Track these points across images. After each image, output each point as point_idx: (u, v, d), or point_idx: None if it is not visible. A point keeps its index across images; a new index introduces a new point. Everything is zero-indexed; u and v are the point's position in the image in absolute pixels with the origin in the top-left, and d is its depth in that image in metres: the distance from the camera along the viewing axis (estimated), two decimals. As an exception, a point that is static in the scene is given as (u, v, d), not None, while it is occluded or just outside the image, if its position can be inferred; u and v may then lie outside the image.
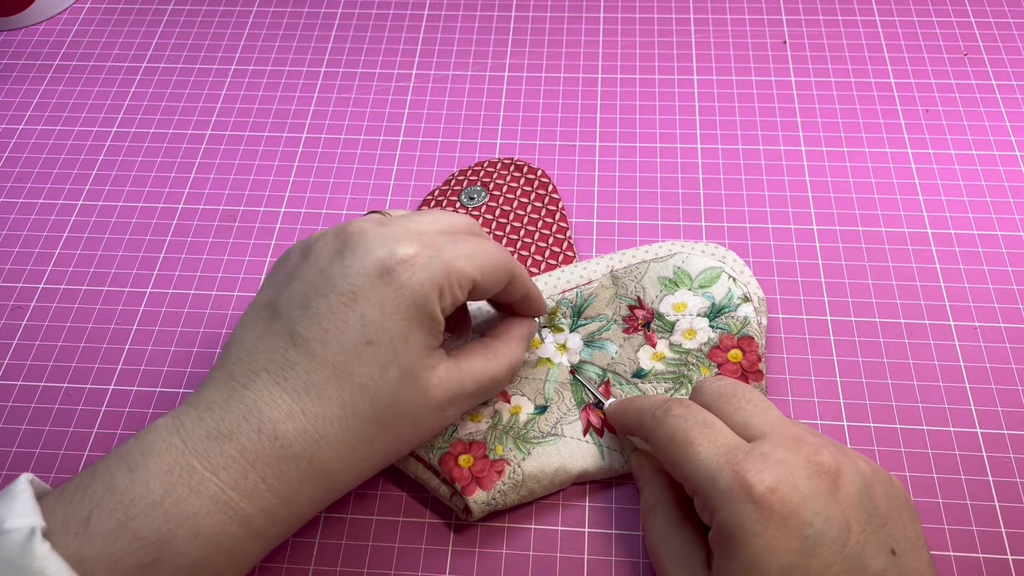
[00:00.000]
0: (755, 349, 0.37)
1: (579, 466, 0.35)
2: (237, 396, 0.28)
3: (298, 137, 0.49)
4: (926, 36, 0.52)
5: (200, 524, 0.26)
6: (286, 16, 0.56)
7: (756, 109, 0.49)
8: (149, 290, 0.43)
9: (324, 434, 0.28)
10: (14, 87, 0.53)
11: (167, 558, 0.25)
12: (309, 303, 0.28)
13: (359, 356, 0.28)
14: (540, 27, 0.54)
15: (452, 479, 0.34)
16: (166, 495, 0.26)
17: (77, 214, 0.46)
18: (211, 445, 0.27)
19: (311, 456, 0.27)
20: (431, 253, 0.29)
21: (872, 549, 0.27)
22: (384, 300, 0.28)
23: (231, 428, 0.27)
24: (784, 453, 0.28)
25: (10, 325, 0.42)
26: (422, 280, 0.28)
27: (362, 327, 0.28)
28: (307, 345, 0.28)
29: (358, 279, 0.28)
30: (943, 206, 0.44)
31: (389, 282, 0.28)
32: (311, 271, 0.29)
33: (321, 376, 0.28)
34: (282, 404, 0.27)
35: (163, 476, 0.26)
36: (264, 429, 0.27)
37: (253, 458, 0.27)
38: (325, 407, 0.28)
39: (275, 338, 0.29)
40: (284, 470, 0.27)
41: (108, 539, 0.25)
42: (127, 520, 0.25)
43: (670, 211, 0.44)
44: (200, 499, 0.26)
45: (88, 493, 0.26)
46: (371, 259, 0.28)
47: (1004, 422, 0.37)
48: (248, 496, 0.27)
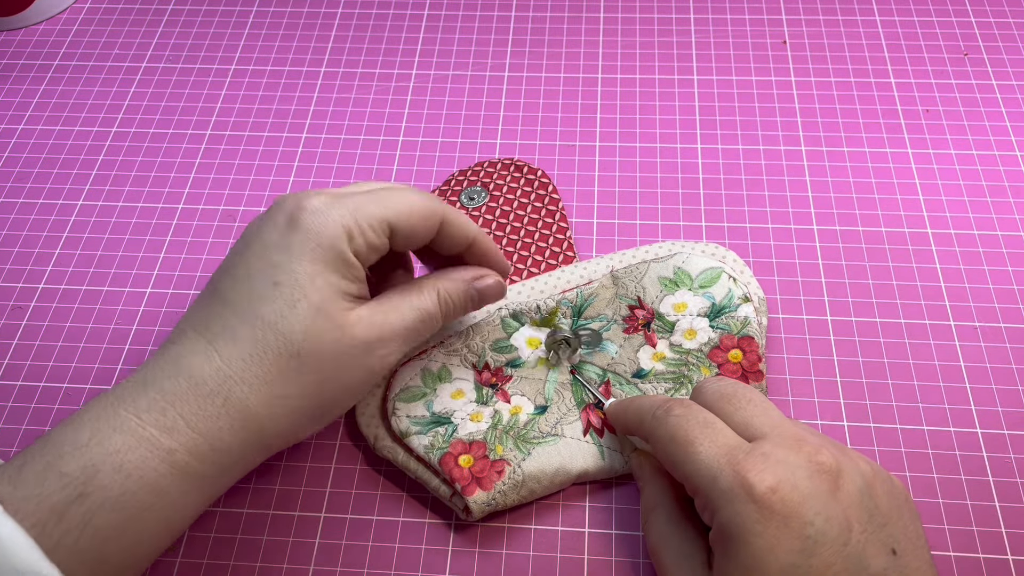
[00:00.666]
0: (755, 349, 0.37)
1: (579, 466, 0.35)
2: (164, 352, 0.30)
3: (298, 137, 0.49)
4: (926, 36, 0.52)
5: (123, 459, 0.27)
6: (286, 16, 0.56)
7: (756, 109, 0.49)
8: (149, 290, 0.43)
9: (238, 370, 0.29)
10: (14, 87, 0.53)
11: (92, 491, 0.26)
12: (230, 264, 0.31)
13: (267, 296, 0.29)
14: (540, 27, 0.54)
15: (452, 479, 0.34)
16: (91, 437, 0.27)
17: (77, 214, 0.46)
18: (135, 391, 0.28)
19: (227, 392, 0.28)
20: (337, 200, 0.31)
21: (873, 549, 0.27)
22: (290, 245, 0.30)
23: (154, 376, 0.29)
24: (785, 453, 0.28)
25: (10, 325, 0.42)
26: (324, 222, 0.30)
27: (271, 270, 0.30)
28: (224, 296, 0.30)
29: (269, 233, 0.30)
30: (943, 206, 0.44)
31: (295, 228, 0.30)
32: (241, 240, 0.32)
33: (234, 320, 0.29)
34: (199, 349, 0.29)
35: (91, 423, 0.27)
36: (182, 372, 0.28)
37: (172, 398, 0.28)
38: (238, 346, 0.29)
39: (203, 301, 0.31)
40: (201, 406, 0.28)
41: (37, 480, 0.26)
42: (54, 460, 0.26)
43: (670, 211, 0.44)
44: (122, 436, 0.27)
45: (26, 450, 0.27)
46: (281, 213, 0.31)
47: (1004, 422, 0.37)
48: (168, 431, 0.28)
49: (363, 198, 0.31)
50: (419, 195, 0.32)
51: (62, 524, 0.26)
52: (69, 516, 0.26)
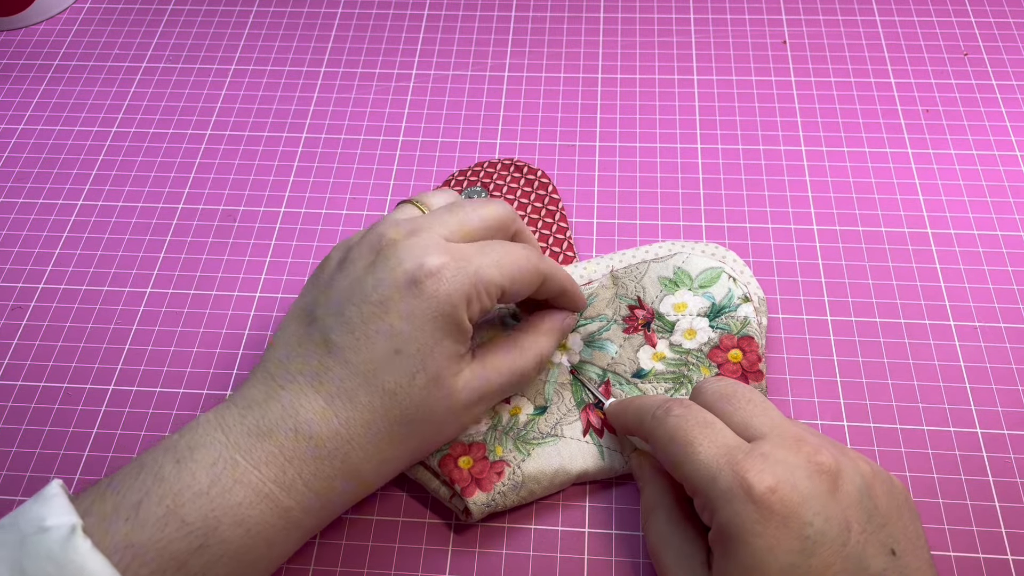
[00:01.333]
0: (755, 349, 0.37)
1: (579, 466, 0.35)
2: (275, 396, 0.29)
3: (298, 137, 0.49)
4: (926, 36, 0.52)
5: (244, 513, 0.27)
6: (286, 16, 0.56)
7: (756, 109, 0.49)
8: (149, 290, 0.43)
9: (354, 435, 0.29)
10: (14, 87, 0.53)
11: (213, 544, 0.27)
12: (343, 312, 0.30)
13: (388, 365, 0.29)
14: (540, 27, 0.54)
15: (452, 481, 0.34)
16: (212, 485, 0.27)
17: (77, 214, 0.46)
18: (252, 441, 0.28)
19: (343, 456, 0.29)
20: (459, 264, 0.30)
21: (872, 549, 0.27)
22: (412, 311, 0.30)
23: (270, 426, 0.29)
24: (784, 453, 0.28)
25: (10, 325, 0.42)
26: (449, 292, 0.30)
27: (391, 337, 0.29)
28: (340, 352, 0.30)
29: (388, 290, 0.30)
30: (943, 206, 0.44)
31: (417, 294, 0.30)
32: (346, 280, 0.31)
33: (353, 383, 0.29)
34: (316, 407, 0.29)
35: (209, 468, 0.27)
36: (300, 429, 0.29)
37: (291, 455, 0.28)
38: (356, 411, 0.29)
39: (311, 344, 0.30)
40: (318, 467, 0.29)
41: (158, 525, 0.26)
42: (175, 507, 0.26)
43: (670, 211, 0.44)
44: (244, 490, 0.27)
45: (137, 482, 0.27)
46: (400, 271, 0.30)
47: (1004, 422, 0.37)
48: (287, 490, 0.28)
49: (482, 261, 0.31)
50: (527, 254, 0.32)
51: (182, 572, 0.26)
52: (190, 566, 0.26)
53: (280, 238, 0.44)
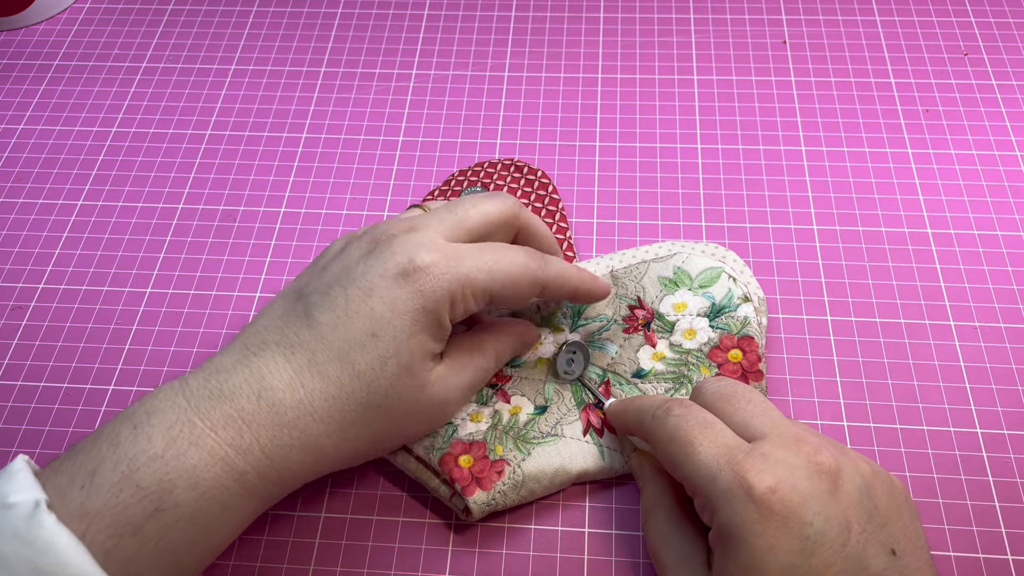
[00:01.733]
0: (755, 349, 0.37)
1: (579, 466, 0.35)
2: (244, 363, 0.30)
3: (298, 137, 0.49)
4: (926, 36, 0.52)
5: (198, 476, 0.27)
6: (286, 16, 0.56)
7: (756, 109, 0.49)
8: (149, 290, 0.43)
9: (318, 408, 0.29)
10: (14, 87, 0.53)
11: (168, 508, 0.26)
12: (329, 291, 0.31)
13: (363, 345, 0.30)
14: (540, 27, 0.54)
15: (452, 480, 0.34)
16: (167, 448, 0.27)
17: (77, 214, 0.46)
18: (212, 404, 0.28)
19: (303, 427, 0.29)
20: (449, 263, 0.31)
21: (872, 549, 0.27)
22: (396, 300, 0.30)
23: (233, 390, 0.29)
24: (784, 453, 0.28)
25: (10, 325, 0.42)
26: (434, 288, 0.30)
27: (371, 320, 0.30)
28: (319, 327, 0.30)
29: (376, 278, 0.30)
30: (943, 206, 0.44)
31: (403, 285, 0.30)
32: (340, 266, 0.32)
33: (325, 357, 0.30)
34: (284, 375, 0.29)
35: (165, 431, 0.27)
36: (264, 395, 0.29)
37: (250, 419, 0.28)
38: (323, 384, 0.29)
39: (292, 317, 0.31)
40: (277, 434, 0.29)
41: (112, 490, 0.26)
42: (130, 472, 0.26)
43: (670, 211, 0.44)
44: (199, 452, 0.27)
45: (94, 450, 0.27)
46: (392, 262, 0.31)
47: (1004, 422, 0.37)
48: (243, 454, 0.28)
49: (473, 263, 0.31)
50: (525, 262, 0.32)
51: (138, 537, 0.26)
52: (145, 530, 0.26)
53: (280, 238, 0.44)
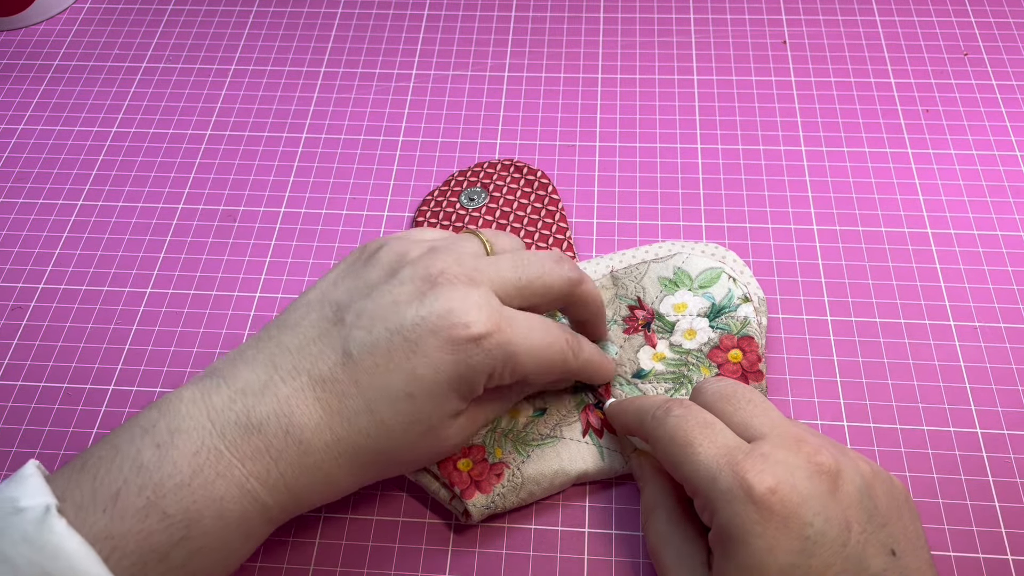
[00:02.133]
0: (755, 349, 0.37)
1: (579, 467, 0.35)
2: (273, 389, 0.29)
3: (298, 137, 0.49)
4: (926, 36, 0.52)
5: (225, 508, 0.27)
6: (286, 16, 0.56)
7: (756, 109, 0.49)
8: (149, 290, 0.43)
9: (342, 453, 0.29)
10: (14, 87, 0.53)
11: (195, 536, 0.26)
12: (373, 329, 0.29)
13: (395, 403, 0.29)
14: (540, 27, 0.54)
15: (451, 483, 0.34)
16: (194, 476, 0.27)
17: (77, 214, 0.46)
18: (239, 433, 0.28)
19: (327, 469, 0.29)
20: (500, 339, 0.30)
21: (872, 549, 0.27)
22: (439, 364, 0.29)
23: (260, 420, 0.28)
24: (784, 454, 0.28)
25: (10, 325, 0.42)
26: (480, 362, 0.29)
27: (411, 379, 0.29)
28: (355, 370, 0.29)
29: (425, 333, 0.29)
30: (943, 206, 0.44)
31: (451, 351, 0.29)
32: (388, 298, 0.30)
33: (356, 404, 0.29)
34: (314, 415, 0.29)
35: (191, 457, 0.27)
36: (292, 432, 0.28)
37: (277, 456, 0.28)
38: (350, 434, 0.29)
39: (329, 345, 0.30)
40: (301, 474, 0.29)
41: (138, 516, 0.26)
42: (156, 499, 0.26)
43: (670, 211, 0.44)
44: (226, 484, 0.27)
45: (114, 469, 0.27)
46: (446, 322, 0.29)
47: (1004, 422, 0.37)
48: (269, 489, 0.28)
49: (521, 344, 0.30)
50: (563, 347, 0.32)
51: (164, 564, 0.26)
52: (172, 557, 0.26)
53: (280, 238, 0.44)
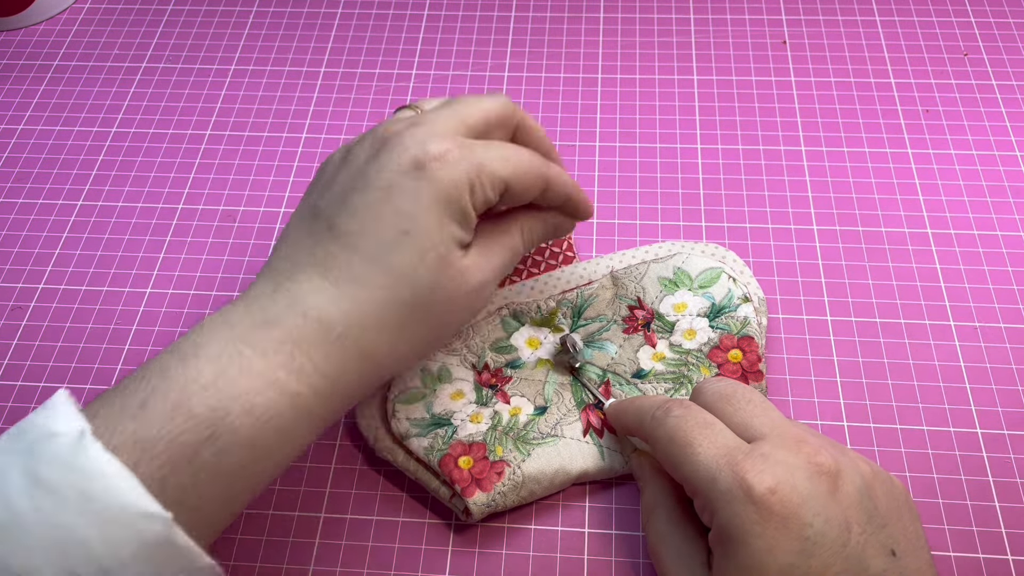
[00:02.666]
0: (755, 349, 0.37)
1: (579, 467, 0.35)
2: (283, 288, 0.29)
3: (298, 137, 0.49)
4: (926, 36, 0.52)
5: (252, 401, 0.27)
6: (286, 16, 0.56)
7: (756, 109, 0.49)
8: (149, 290, 0.43)
9: (365, 316, 0.29)
10: (14, 87, 0.53)
11: (223, 434, 0.26)
12: (347, 200, 0.30)
13: (396, 245, 0.29)
14: (540, 27, 0.54)
15: (452, 481, 0.34)
16: (218, 376, 0.27)
17: (77, 214, 0.46)
18: (258, 332, 0.28)
19: (355, 337, 0.29)
20: (462, 151, 0.30)
21: (872, 550, 0.27)
22: (418, 193, 0.29)
23: (277, 316, 0.28)
24: (784, 454, 0.28)
25: (10, 325, 0.42)
26: (453, 176, 0.30)
27: (398, 218, 0.29)
28: (347, 238, 0.29)
29: (393, 175, 0.30)
30: (943, 206, 0.44)
31: (422, 176, 0.29)
32: (349, 172, 0.31)
33: (362, 267, 0.29)
34: (326, 292, 0.29)
35: (214, 360, 0.27)
36: (309, 314, 0.28)
37: (299, 340, 0.28)
38: (367, 293, 0.29)
39: (316, 235, 0.30)
40: (329, 351, 0.28)
41: (164, 419, 0.26)
42: (182, 401, 0.26)
43: (670, 211, 0.44)
44: (250, 379, 0.27)
45: (141, 383, 0.27)
46: (406, 156, 0.30)
47: (1004, 422, 0.37)
48: (295, 374, 0.28)
49: (486, 153, 0.31)
50: (531, 158, 0.32)
51: (193, 464, 0.26)
52: (201, 457, 0.26)
53: (280, 238, 0.44)
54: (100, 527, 0.24)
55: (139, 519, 0.24)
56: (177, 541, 0.25)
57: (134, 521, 0.24)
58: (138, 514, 0.24)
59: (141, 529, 0.24)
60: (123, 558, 0.24)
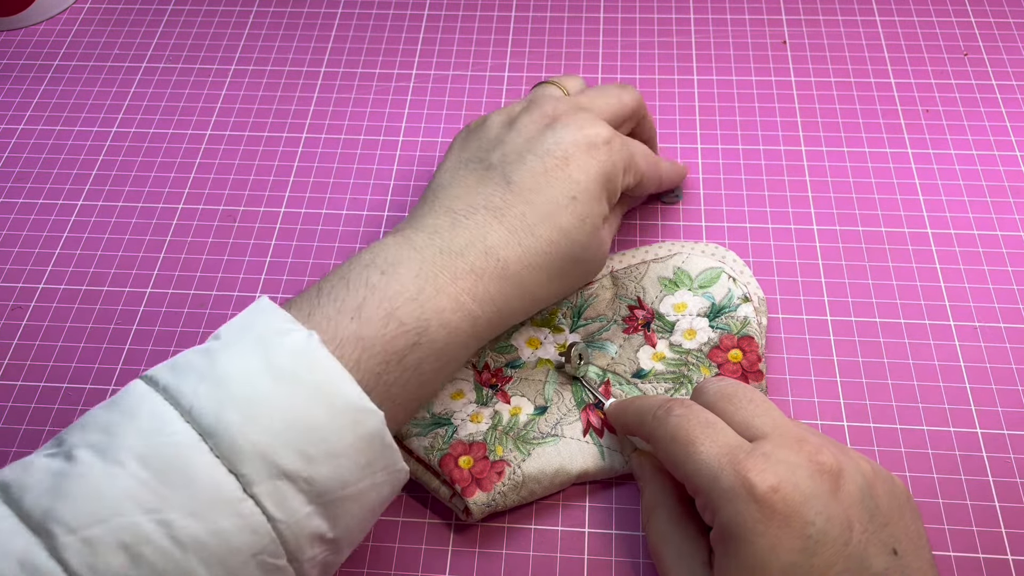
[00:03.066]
0: (755, 349, 0.37)
1: (579, 466, 0.35)
2: (461, 224, 0.33)
3: (298, 137, 0.49)
4: (926, 36, 0.52)
5: (446, 318, 0.31)
6: (286, 16, 0.56)
7: (756, 109, 0.49)
8: (149, 290, 0.43)
9: (534, 263, 0.33)
10: (14, 87, 0.53)
11: (424, 343, 0.30)
12: (524, 160, 0.35)
13: (565, 207, 0.34)
14: (540, 27, 0.54)
15: (452, 480, 0.34)
16: (419, 292, 0.31)
17: (77, 214, 0.46)
18: (446, 259, 0.32)
19: (523, 278, 0.33)
20: (623, 142, 0.36)
21: (874, 549, 0.27)
22: (588, 167, 0.35)
23: (461, 248, 0.32)
24: (786, 453, 0.28)
25: (10, 325, 0.42)
26: (615, 160, 0.35)
27: (570, 184, 0.34)
28: (523, 192, 0.34)
29: (570, 148, 0.35)
30: (943, 206, 0.44)
31: (594, 155, 0.35)
32: (520, 138, 0.35)
33: (534, 218, 0.34)
34: (502, 234, 0.33)
35: (413, 279, 0.31)
36: (490, 252, 0.33)
37: (481, 272, 0.32)
38: (536, 243, 0.33)
39: (492, 184, 0.34)
40: (503, 286, 0.33)
41: (379, 324, 0.30)
42: (393, 310, 0.30)
43: (670, 211, 0.44)
44: (445, 298, 0.31)
45: (351, 290, 0.30)
46: (581, 134, 0.35)
47: (1004, 422, 0.37)
48: (479, 301, 0.32)
49: (635, 148, 0.37)
50: (658, 160, 0.40)
51: (401, 365, 0.30)
52: (407, 360, 0.30)
53: (280, 238, 0.44)
54: (331, 415, 0.27)
55: (359, 413, 0.27)
56: (385, 439, 0.28)
57: (356, 414, 0.27)
58: (359, 408, 0.27)
59: (361, 421, 0.27)
60: (345, 446, 0.27)
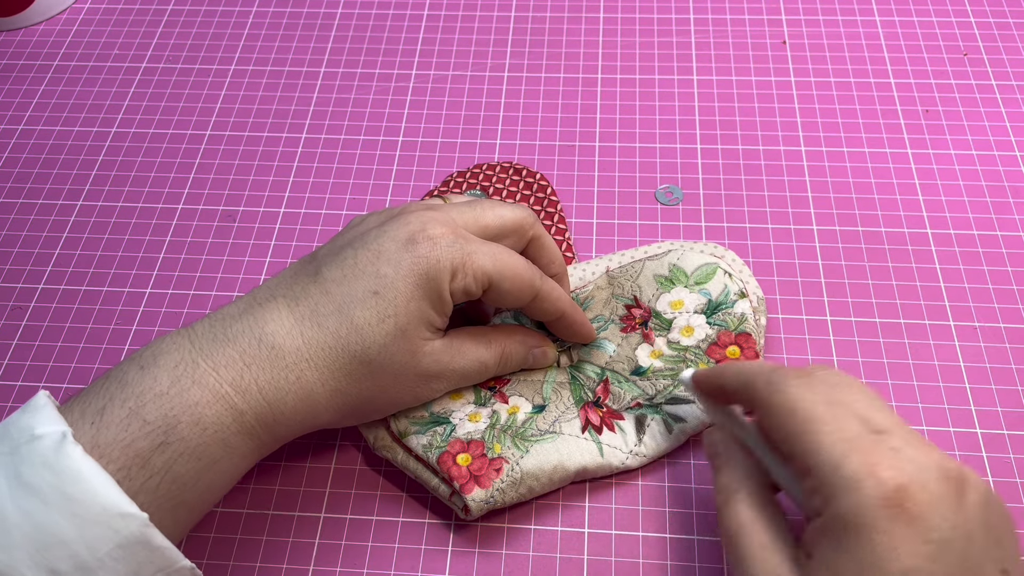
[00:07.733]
0: (752, 346, 0.37)
1: (577, 463, 0.35)
2: (250, 311, 0.31)
3: (298, 137, 0.49)
4: (926, 36, 0.52)
5: (201, 412, 0.29)
6: (286, 16, 0.56)
7: (756, 109, 0.49)
8: (149, 290, 0.43)
9: (314, 356, 0.31)
10: (14, 87, 0.53)
11: (173, 442, 0.28)
12: (340, 252, 0.33)
13: (363, 302, 0.31)
14: (540, 27, 0.54)
15: (450, 477, 0.34)
16: (172, 386, 0.29)
17: (77, 214, 0.46)
18: (215, 346, 0.30)
19: (300, 372, 0.31)
20: (456, 240, 0.32)
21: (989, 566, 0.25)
22: (400, 262, 0.32)
23: (235, 334, 0.30)
24: (915, 452, 0.26)
25: (10, 325, 0.42)
26: (439, 257, 0.32)
27: (375, 279, 0.31)
28: (325, 282, 0.32)
29: (387, 242, 0.32)
30: (943, 206, 0.44)
31: (410, 250, 0.32)
32: (354, 233, 0.34)
33: (327, 309, 0.31)
34: (286, 323, 0.31)
35: (171, 371, 0.29)
36: (264, 339, 0.30)
37: (250, 360, 0.30)
38: (322, 334, 0.31)
39: (302, 275, 0.33)
40: (274, 377, 0.30)
41: (121, 425, 0.28)
42: (137, 408, 0.28)
43: (670, 211, 0.44)
44: (201, 390, 0.29)
45: (103, 390, 0.29)
46: (404, 230, 0.32)
47: (1004, 422, 0.37)
48: (242, 393, 0.30)
49: (480, 248, 0.33)
50: (526, 266, 0.34)
51: (145, 470, 0.28)
52: (152, 463, 0.28)
53: (280, 238, 0.44)
54: (80, 526, 0.25)
55: (116, 519, 0.26)
56: (153, 541, 0.26)
57: (111, 521, 0.26)
58: (116, 514, 0.26)
59: (118, 528, 0.26)
60: (101, 556, 0.26)
